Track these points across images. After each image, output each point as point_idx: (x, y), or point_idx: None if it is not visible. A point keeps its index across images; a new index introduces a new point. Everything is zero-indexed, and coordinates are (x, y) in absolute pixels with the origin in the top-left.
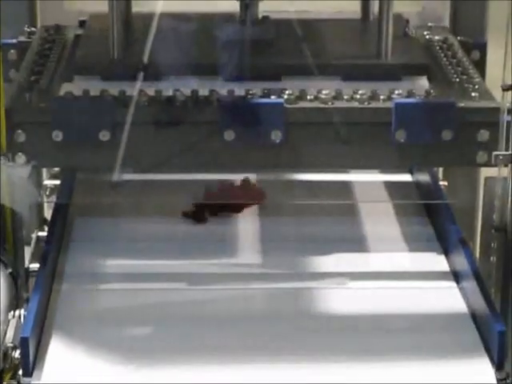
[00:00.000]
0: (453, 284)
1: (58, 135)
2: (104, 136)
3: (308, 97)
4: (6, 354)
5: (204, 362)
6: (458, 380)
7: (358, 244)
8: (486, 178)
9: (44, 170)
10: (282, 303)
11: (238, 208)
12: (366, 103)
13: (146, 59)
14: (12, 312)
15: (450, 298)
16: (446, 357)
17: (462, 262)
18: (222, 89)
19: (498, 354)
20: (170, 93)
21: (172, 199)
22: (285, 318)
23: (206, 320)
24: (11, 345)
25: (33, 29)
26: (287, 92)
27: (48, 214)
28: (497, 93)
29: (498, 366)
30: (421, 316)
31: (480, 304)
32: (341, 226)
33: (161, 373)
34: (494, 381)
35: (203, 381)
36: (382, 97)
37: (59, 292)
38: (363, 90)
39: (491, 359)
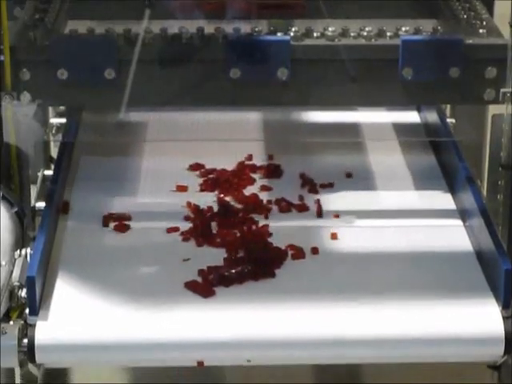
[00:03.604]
0: (459, 222)
1: (62, 73)
2: (109, 74)
3: (314, 34)
4: (12, 293)
5: (208, 302)
6: (463, 318)
7: (364, 182)
8: (494, 116)
9: (50, 109)
10: (289, 241)
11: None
12: (372, 40)
13: None
14: (18, 251)
15: (455, 237)
16: (451, 295)
17: (468, 200)
18: (228, 26)
19: (505, 292)
20: (176, 30)
21: (178, 138)
22: None
23: (212, 260)
24: (18, 284)
25: None
26: (293, 29)
27: (54, 152)
28: (505, 29)
29: (504, 304)
30: (426, 254)
31: (487, 242)
32: (348, 165)
33: (164, 313)
34: (500, 319)
35: (207, 320)
36: (388, 34)
37: (65, 231)
38: (370, 26)
39: (497, 297)
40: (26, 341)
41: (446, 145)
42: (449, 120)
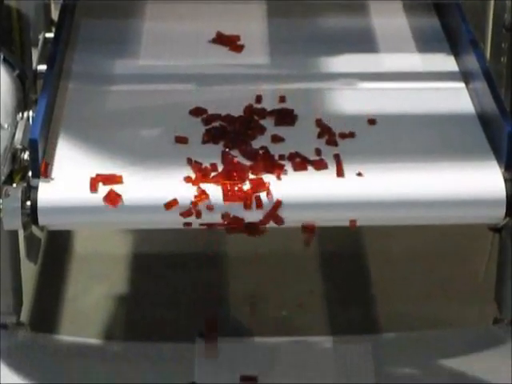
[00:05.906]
0: (462, 85)
1: None
2: None
3: None
4: (15, 156)
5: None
6: (465, 180)
7: (367, 44)
8: None
9: None
10: (292, 105)
11: None
12: None
13: None
14: (20, 114)
15: (458, 99)
16: (453, 158)
17: (472, 63)
18: None
19: (507, 154)
20: None
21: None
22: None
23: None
24: (20, 147)
25: None
26: None
27: (55, 15)
28: None
29: (507, 166)
30: (428, 117)
31: (490, 105)
32: (351, 26)
33: (165, 176)
34: (502, 181)
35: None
36: None
37: (66, 93)
38: None
39: (499, 160)
40: (28, 203)
41: (450, 7)
42: None
